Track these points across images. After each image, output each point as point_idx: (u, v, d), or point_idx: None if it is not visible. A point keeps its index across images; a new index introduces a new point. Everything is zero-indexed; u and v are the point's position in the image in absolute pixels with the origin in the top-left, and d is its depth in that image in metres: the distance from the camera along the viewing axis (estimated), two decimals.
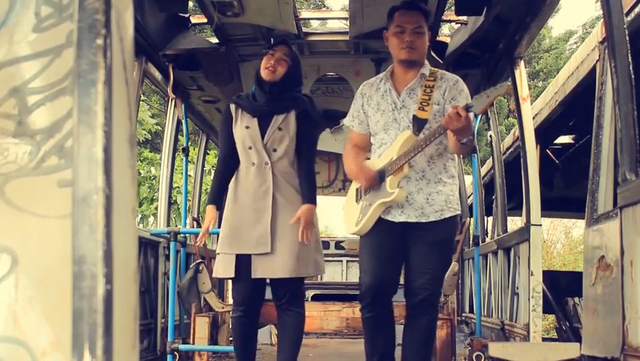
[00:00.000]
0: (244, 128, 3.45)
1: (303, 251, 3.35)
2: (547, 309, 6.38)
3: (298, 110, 3.45)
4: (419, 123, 3.07)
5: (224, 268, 3.41)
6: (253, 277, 3.33)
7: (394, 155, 3.08)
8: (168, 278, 5.33)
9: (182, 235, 5.12)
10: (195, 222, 6.22)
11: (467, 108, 2.79)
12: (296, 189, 3.42)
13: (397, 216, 3.11)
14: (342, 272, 9.02)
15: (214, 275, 3.64)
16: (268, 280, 3.43)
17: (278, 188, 3.38)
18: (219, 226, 3.60)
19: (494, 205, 6.95)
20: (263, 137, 3.41)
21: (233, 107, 3.54)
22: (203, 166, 7.97)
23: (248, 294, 3.39)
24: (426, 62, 3.23)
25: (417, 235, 3.09)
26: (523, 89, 5.03)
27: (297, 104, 3.45)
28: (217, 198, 3.55)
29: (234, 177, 3.49)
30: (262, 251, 3.30)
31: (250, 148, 3.42)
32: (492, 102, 2.78)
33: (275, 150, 3.42)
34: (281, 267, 3.30)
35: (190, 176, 7.31)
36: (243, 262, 3.34)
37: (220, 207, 3.57)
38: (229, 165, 3.52)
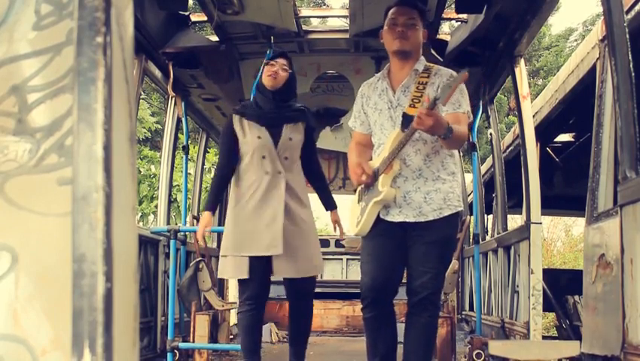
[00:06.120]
0: (256, 139, 3.59)
1: (315, 251, 3.65)
2: (547, 307, 6.38)
3: (307, 123, 3.70)
4: (407, 120, 3.02)
5: (234, 269, 3.57)
6: (276, 275, 3.56)
7: (386, 154, 3.07)
8: (168, 276, 5.33)
9: (182, 233, 5.13)
10: (195, 221, 6.22)
11: (435, 100, 2.78)
12: (299, 193, 3.63)
13: (395, 217, 3.10)
14: (342, 270, 9.01)
15: (225, 276, 3.84)
16: (279, 279, 3.67)
17: (288, 194, 3.57)
18: (218, 225, 3.69)
19: (494, 203, 6.94)
20: (275, 146, 3.58)
21: (236, 118, 3.67)
22: (203, 164, 7.97)
23: (260, 291, 3.59)
24: (422, 57, 3.22)
25: (416, 234, 3.08)
26: (523, 87, 5.02)
27: (305, 117, 3.70)
28: (214, 204, 3.77)
29: (245, 184, 3.61)
30: (274, 253, 3.49)
31: (264, 158, 3.57)
32: (456, 89, 2.78)
33: (286, 159, 3.61)
34: (302, 267, 3.55)
35: (190, 174, 7.31)
36: (255, 263, 3.52)
37: (215, 213, 3.85)
38: (227, 177, 3.71)
